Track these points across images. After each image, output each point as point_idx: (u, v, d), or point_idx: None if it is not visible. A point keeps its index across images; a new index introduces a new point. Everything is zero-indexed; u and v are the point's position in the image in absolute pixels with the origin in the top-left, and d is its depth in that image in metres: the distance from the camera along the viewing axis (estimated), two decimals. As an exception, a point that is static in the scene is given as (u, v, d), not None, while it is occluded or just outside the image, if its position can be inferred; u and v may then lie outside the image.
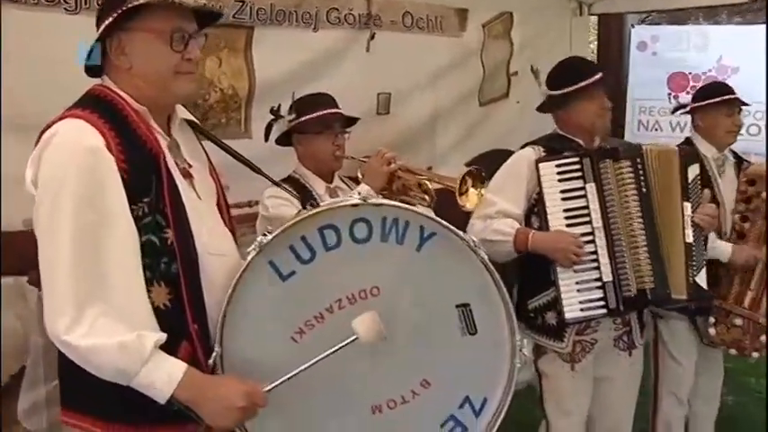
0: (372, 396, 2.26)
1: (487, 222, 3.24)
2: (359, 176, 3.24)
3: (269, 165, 3.27)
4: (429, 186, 3.05)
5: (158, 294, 2.03)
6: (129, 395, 1.98)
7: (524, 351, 2.27)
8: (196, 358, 2.08)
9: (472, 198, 3.02)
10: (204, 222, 2.18)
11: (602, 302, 3.18)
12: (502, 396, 2.32)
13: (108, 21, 2.04)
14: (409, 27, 4.38)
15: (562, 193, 3.22)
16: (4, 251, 2.84)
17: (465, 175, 2.99)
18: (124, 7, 2.01)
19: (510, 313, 2.25)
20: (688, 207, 3.29)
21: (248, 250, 2.10)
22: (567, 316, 3.17)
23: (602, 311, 3.19)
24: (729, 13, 10.68)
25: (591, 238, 3.19)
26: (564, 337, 3.34)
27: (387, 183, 3.12)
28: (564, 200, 3.21)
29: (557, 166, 3.23)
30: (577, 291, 3.18)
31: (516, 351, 2.27)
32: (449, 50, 4.68)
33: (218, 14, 2.32)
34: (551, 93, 3.53)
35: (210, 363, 2.09)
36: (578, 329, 3.34)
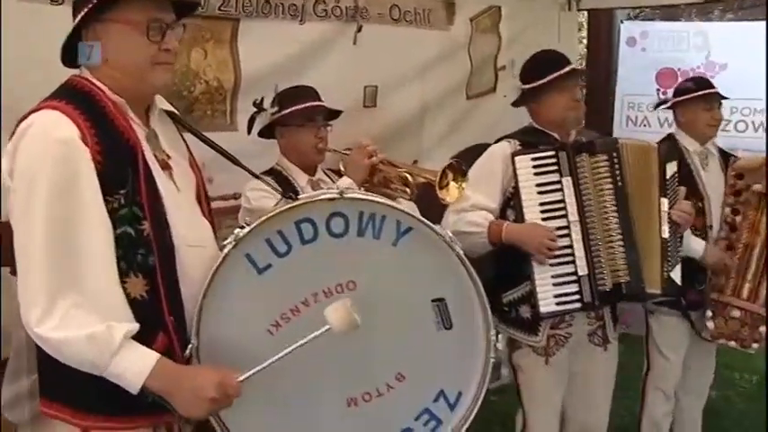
0: (348, 389, 2.28)
1: (461, 215, 3.26)
2: (341, 169, 3.24)
3: (255, 157, 3.30)
4: (410, 180, 3.05)
5: (135, 286, 2.04)
6: (107, 386, 1.99)
7: (498, 346, 2.29)
8: (172, 350, 2.08)
9: (453, 192, 3.01)
10: (182, 214, 2.18)
11: (578, 296, 3.20)
12: (476, 390, 2.34)
13: (84, 11, 2.03)
14: (396, 20, 4.37)
15: (538, 186, 3.23)
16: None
17: (446, 168, 2.99)
18: None
19: (485, 308, 2.28)
20: (665, 203, 3.31)
21: (224, 243, 2.11)
22: (542, 310, 3.18)
23: (577, 305, 3.21)
24: (722, 10, 10.69)
25: (566, 231, 3.21)
26: (538, 331, 3.36)
27: (368, 175, 3.11)
28: (540, 193, 3.23)
29: (533, 159, 3.24)
30: (552, 285, 3.19)
31: (491, 346, 2.29)
32: (436, 44, 4.66)
33: (195, 4, 2.32)
34: (524, 86, 3.56)
35: (186, 354, 2.10)
36: (553, 323, 3.36)
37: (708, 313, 3.89)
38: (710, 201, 3.93)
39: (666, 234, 3.29)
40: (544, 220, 3.21)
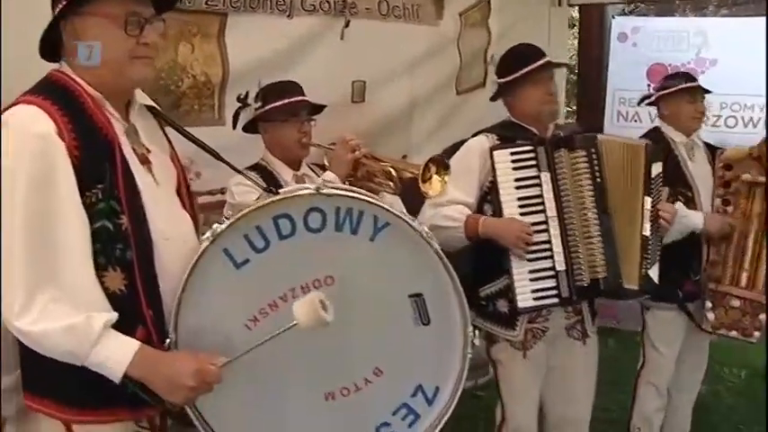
0: (325, 383, 2.30)
1: (438, 209, 3.27)
2: (325, 164, 3.25)
3: (243, 152, 3.31)
4: (393, 174, 3.06)
5: (113, 280, 2.05)
6: (88, 379, 2.01)
7: (475, 341, 2.30)
8: (151, 343, 2.10)
9: (435, 185, 3.02)
10: (160, 208, 2.20)
11: (555, 291, 3.20)
12: (454, 385, 2.36)
13: (62, 4, 2.04)
14: (385, 15, 4.34)
15: (516, 181, 3.23)
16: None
17: (428, 162, 3.00)
18: None
19: (462, 304, 2.30)
20: (648, 201, 3.32)
21: (202, 238, 2.13)
22: (520, 305, 3.19)
23: (555, 300, 3.22)
24: (717, 6, 10.69)
25: (545, 227, 3.21)
26: (516, 326, 3.36)
27: (352, 170, 3.13)
28: (518, 188, 3.23)
29: (511, 154, 3.24)
30: (530, 279, 3.19)
31: (468, 341, 2.31)
32: (425, 39, 4.63)
33: None
34: (499, 81, 3.58)
35: (165, 348, 2.11)
36: (530, 318, 3.37)
37: (707, 304, 3.92)
38: (699, 190, 3.96)
39: (648, 232, 3.30)
40: (522, 215, 3.21)
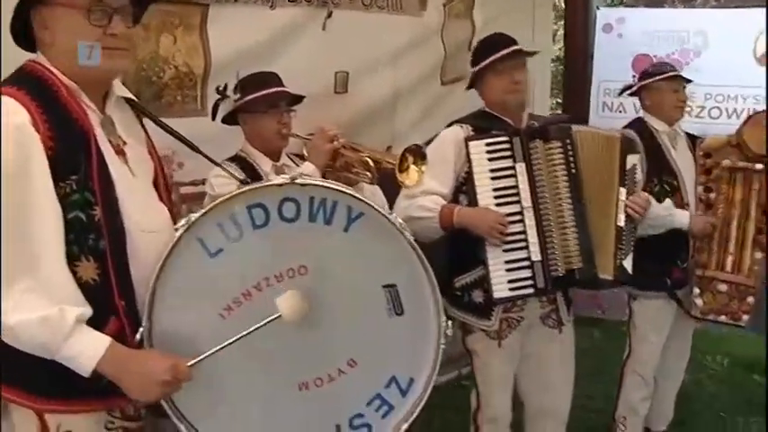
0: (299, 373, 2.29)
1: (413, 200, 3.27)
2: (305, 154, 3.26)
3: (227, 143, 3.34)
4: (371, 164, 3.07)
5: (86, 269, 2.06)
6: (60, 369, 2.01)
7: (449, 332, 2.31)
8: (124, 333, 2.11)
9: (413, 175, 3.03)
10: (136, 199, 2.20)
11: (531, 282, 3.20)
12: (428, 376, 2.36)
13: None
14: (368, 6, 4.35)
15: (492, 172, 3.22)
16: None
17: (405, 152, 3.01)
18: None
19: (436, 294, 2.29)
20: (623, 192, 3.34)
21: (176, 227, 2.13)
22: (496, 295, 3.19)
23: (531, 291, 3.22)
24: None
25: (520, 217, 3.21)
26: (491, 316, 3.38)
27: (331, 160, 3.13)
28: (493, 179, 3.22)
29: (486, 144, 3.24)
30: (506, 270, 3.19)
31: (442, 332, 2.31)
32: (408, 30, 4.65)
33: None
34: (472, 70, 3.59)
35: (138, 338, 2.11)
36: (505, 307, 3.37)
37: (695, 290, 3.98)
38: (683, 177, 4.02)
39: (622, 222, 3.31)
40: (498, 205, 3.20)
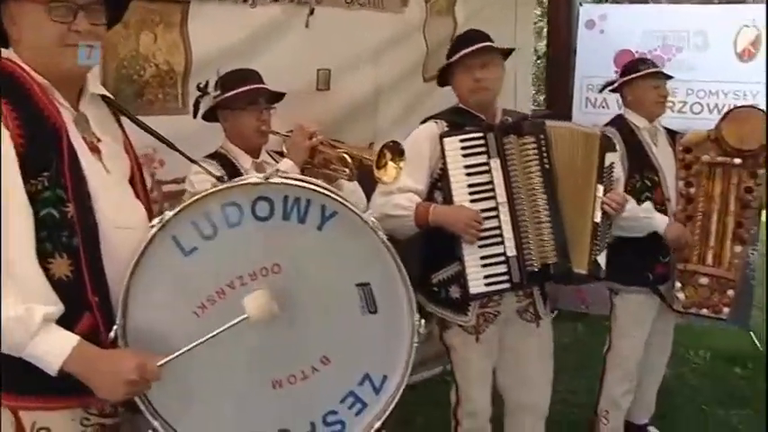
0: (273, 371, 2.30)
1: (388, 197, 3.28)
2: (284, 151, 3.27)
3: (208, 140, 3.35)
4: (349, 160, 3.08)
5: (59, 266, 2.07)
6: (36, 367, 2.02)
7: (421, 330, 2.33)
8: (97, 329, 2.12)
9: (390, 171, 3.04)
10: (110, 196, 2.21)
11: (507, 277, 3.21)
12: (402, 374, 2.36)
13: None
14: (349, 3, 4.36)
15: (466, 168, 3.23)
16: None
17: (383, 148, 3.03)
18: None
19: (409, 293, 2.30)
20: (600, 189, 3.34)
21: (150, 224, 2.14)
22: (472, 291, 3.20)
23: (507, 286, 3.23)
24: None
25: (495, 213, 3.21)
26: (468, 311, 3.39)
27: (309, 157, 3.15)
28: (468, 175, 3.23)
29: (461, 140, 3.24)
30: (482, 266, 3.20)
31: (415, 330, 2.32)
32: (390, 27, 4.65)
33: None
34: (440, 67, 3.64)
35: (112, 335, 2.12)
36: (482, 302, 3.38)
37: (677, 284, 4.04)
38: (664, 173, 4.06)
39: (599, 219, 3.32)
40: (473, 201, 3.21)
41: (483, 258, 3.20)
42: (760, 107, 4.27)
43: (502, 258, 3.21)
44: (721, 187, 4.02)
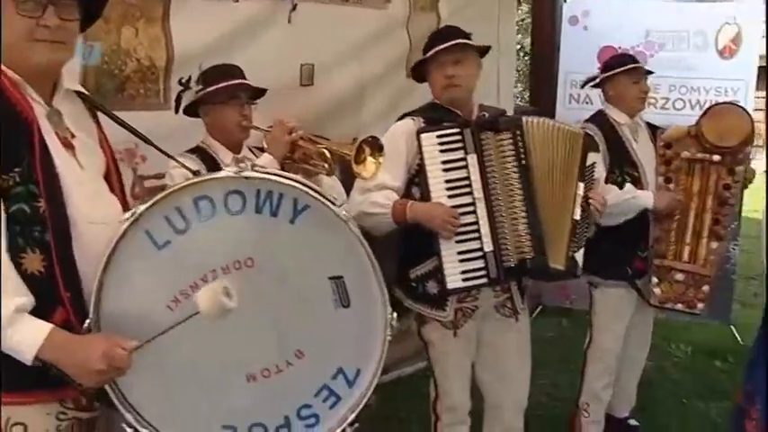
0: (247, 364, 2.32)
1: (366, 195, 3.29)
2: (264, 146, 3.28)
3: (190, 136, 3.34)
4: (328, 155, 3.10)
5: (32, 261, 2.08)
6: (10, 361, 2.03)
7: (394, 323, 2.34)
8: (70, 324, 2.13)
9: (369, 167, 3.06)
10: (84, 191, 2.22)
11: (484, 272, 3.20)
12: (375, 367, 2.39)
13: None
14: (332, -1, 4.38)
15: (443, 164, 3.22)
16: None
17: (362, 143, 3.04)
18: None
19: (382, 286, 2.31)
20: (581, 187, 3.35)
21: (122, 219, 2.14)
22: (449, 286, 3.20)
23: (484, 281, 3.22)
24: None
25: (472, 209, 3.21)
26: (446, 307, 3.40)
27: (289, 152, 3.16)
28: (445, 171, 3.22)
29: (438, 136, 3.24)
30: (459, 261, 3.19)
31: (388, 323, 2.34)
32: (373, 22, 4.66)
33: None
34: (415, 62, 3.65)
35: (85, 329, 2.13)
36: (459, 297, 3.39)
37: (653, 280, 4.07)
38: (644, 169, 4.09)
39: (578, 216, 3.33)
40: (450, 197, 3.21)
41: (460, 254, 3.20)
42: (739, 103, 4.29)
43: (479, 254, 3.20)
44: (700, 184, 4.05)
